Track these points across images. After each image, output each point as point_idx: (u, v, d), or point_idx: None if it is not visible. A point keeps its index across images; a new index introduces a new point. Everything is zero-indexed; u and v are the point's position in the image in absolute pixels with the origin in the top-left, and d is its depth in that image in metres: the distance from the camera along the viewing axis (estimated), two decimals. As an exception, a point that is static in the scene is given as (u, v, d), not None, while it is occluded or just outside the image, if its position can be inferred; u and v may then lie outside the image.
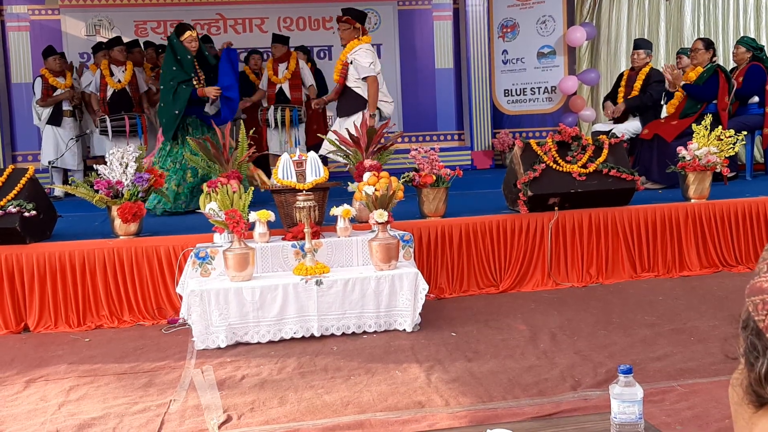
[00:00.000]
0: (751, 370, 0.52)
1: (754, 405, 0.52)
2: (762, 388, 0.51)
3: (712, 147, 5.62)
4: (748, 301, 0.52)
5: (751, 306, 0.52)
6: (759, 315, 0.51)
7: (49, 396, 3.56)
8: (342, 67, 6.66)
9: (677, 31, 10.09)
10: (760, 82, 7.35)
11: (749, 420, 0.53)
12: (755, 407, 0.52)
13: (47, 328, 4.76)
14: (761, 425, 0.52)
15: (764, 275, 0.51)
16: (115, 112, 8.27)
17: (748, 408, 0.53)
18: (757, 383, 0.51)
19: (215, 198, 4.52)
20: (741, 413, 0.54)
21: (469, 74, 10.44)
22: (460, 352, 3.98)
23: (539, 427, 1.85)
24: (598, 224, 5.44)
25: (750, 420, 0.53)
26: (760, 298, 0.51)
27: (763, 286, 0.51)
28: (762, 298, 0.50)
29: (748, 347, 0.52)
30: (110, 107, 8.39)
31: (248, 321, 4.27)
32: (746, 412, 0.53)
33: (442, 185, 5.28)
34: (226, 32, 10.25)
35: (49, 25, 9.86)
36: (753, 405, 0.53)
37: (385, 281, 4.41)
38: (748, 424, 0.53)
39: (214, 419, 3.17)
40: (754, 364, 0.51)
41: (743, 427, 0.54)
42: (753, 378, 0.51)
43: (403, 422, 3.08)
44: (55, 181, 8.35)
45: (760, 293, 0.51)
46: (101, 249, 4.85)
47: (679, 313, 4.55)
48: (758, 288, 0.51)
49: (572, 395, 3.31)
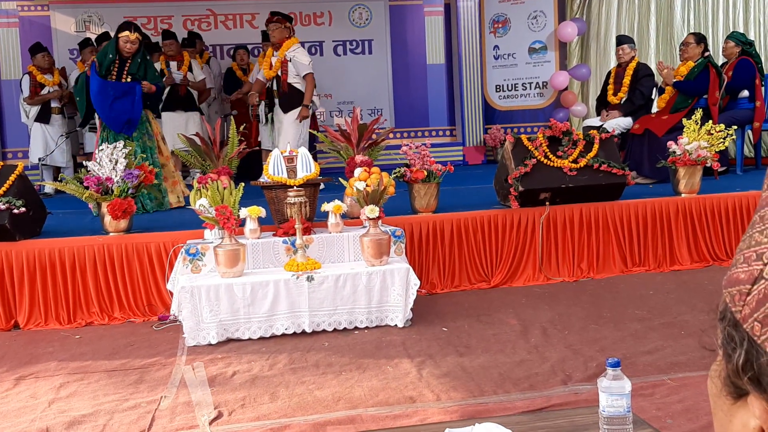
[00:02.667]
0: (729, 361, 0.52)
1: (732, 396, 0.53)
2: (740, 379, 0.51)
3: (702, 141, 5.63)
4: (725, 293, 0.52)
5: (728, 297, 0.52)
6: (736, 306, 0.51)
7: (39, 393, 3.54)
8: (281, 64, 7.13)
9: (667, 26, 10.11)
10: (749, 76, 7.38)
11: (728, 411, 0.53)
12: (734, 398, 0.52)
13: (37, 326, 4.74)
14: (740, 416, 0.52)
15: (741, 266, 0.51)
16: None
17: (727, 399, 0.53)
18: (735, 374, 0.51)
19: (206, 194, 4.50)
20: (720, 405, 0.54)
21: (461, 70, 10.43)
22: (451, 347, 3.98)
23: (529, 421, 1.85)
24: (589, 219, 5.45)
25: (729, 411, 0.53)
26: (737, 289, 0.51)
27: (739, 277, 0.51)
28: (739, 289, 0.50)
29: (726, 338, 0.52)
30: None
31: (239, 317, 4.27)
32: (725, 404, 0.53)
33: (433, 181, 5.28)
34: (216, 28, 10.22)
35: (38, 21, 9.81)
36: (731, 396, 0.53)
37: (376, 277, 4.41)
38: (727, 415, 0.53)
39: (205, 416, 3.17)
40: (732, 356, 0.51)
41: (722, 418, 0.54)
42: (731, 369, 0.51)
43: (394, 417, 3.08)
44: (45, 178, 8.31)
45: (737, 284, 0.51)
46: (91, 246, 4.83)
47: (670, 307, 4.56)
48: (735, 279, 0.51)
49: (563, 389, 3.32)
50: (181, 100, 8.48)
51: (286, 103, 7.26)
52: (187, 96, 8.55)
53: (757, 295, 0.49)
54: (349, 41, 10.59)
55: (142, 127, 6.53)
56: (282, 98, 7.28)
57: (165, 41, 8.66)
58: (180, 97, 8.47)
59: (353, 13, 10.56)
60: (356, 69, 10.49)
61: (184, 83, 8.45)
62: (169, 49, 8.57)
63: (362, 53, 10.63)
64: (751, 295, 0.49)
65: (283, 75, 7.20)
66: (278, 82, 7.27)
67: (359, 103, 9.47)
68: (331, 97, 10.41)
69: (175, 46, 8.62)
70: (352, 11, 10.55)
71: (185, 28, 9.89)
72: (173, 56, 8.58)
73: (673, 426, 2.87)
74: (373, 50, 10.65)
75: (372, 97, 10.50)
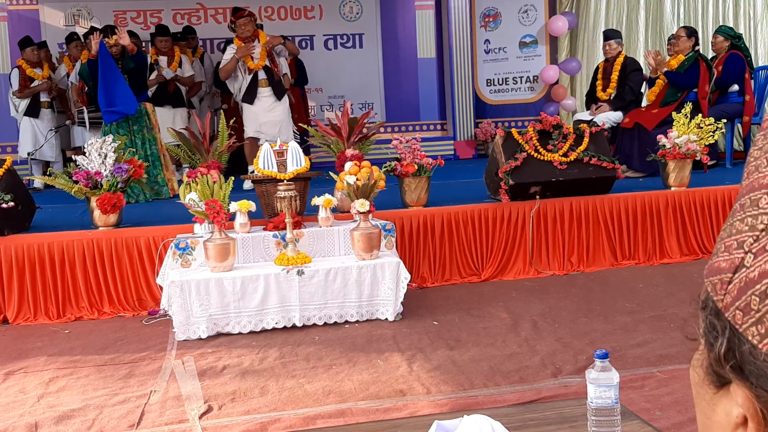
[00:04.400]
0: (711, 350, 0.51)
1: (715, 385, 0.53)
2: (722, 368, 0.51)
3: (692, 135, 5.65)
4: (707, 282, 0.52)
5: (710, 286, 0.52)
6: (718, 295, 0.51)
7: (28, 388, 3.53)
8: (267, 54, 7.23)
9: (657, 19, 10.12)
10: (739, 70, 7.39)
11: (710, 401, 0.53)
12: (716, 387, 0.52)
13: (26, 320, 4.72)
14: (723, 405, 0.52)
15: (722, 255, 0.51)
16: (94, 103, 8.20)
17: (710, 389, 0.53)
18: (717, 363, 0.51)
19: (195, 188, 4.49)
20: (702, 394, 0.54)
21: (452, 64, 10.42)
22: (441, 341, 3.99)
23: (517, 413, 1.86)
24: (579, 213, 5.46)
25: (711, 400, 0.53)
26: (718, 278, 0.51)
27: (721, 266, 0.51)
28: (720, 278, 0.50)
29: (708, 327, 0.52)
30: (89, 98, 8.32)
31: (229, 311, 4.26)
32: (707, 393, 0.53)
33: (423, 174, 5.28)
34: (207, 22, 10.18)
35: (27, 15, 9.75)
36: (714, 385, 0.53)
37: (367, 271, 4.41)
38: (710, 404, 0.53)
39: (195, 409, 3.16)
40: (714, 344, 0.51)
41: (705, 407, 0.54)
42: (713, 358, 0.51)
43: (384, 411, 3.09)
44: (34, 173, 8.27)
45: (719, 273, 0.51)
46: (80, 240, 4.81)
47: (660, 300, 4.58)
48: (716, 268, 0.51)
49: (553, 382, 3.33)
50: (170, 96, 8.46)
51: (281, 91, 7.38)
52: (175, 92, 8.53)
53: (738, 284, 0.49)
54: (340, 35, 10.56)
55: (142, 119, 6.85)
56: (276, 86, 7.34)
57: (158, 37, 8.62)
58: (168, 93, 8.45)
59: (344, 7, 10.53)
60: (347, 63, 10.47)
61: (173, 80, 8.44)
62: (163, 45, 8.54)
63: (353, 47, 10.61)
64: (733, 284, 0.49)
65: (273, 64, 7.27)
66: (268, 72, 7.24)
67: (350, 97, 9.46)
68: (322, 91, 10.38)
69: (168, 42, 8.59)
70: (342, 5, 10.52)
71: (175, 22, 9.84)
72: (165, 52, 8.55)
73: (662, 418, 2.88)
74: (363, 44, 10.63)
75: (363, 91, 10.48)
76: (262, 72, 7.22)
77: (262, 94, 7.25)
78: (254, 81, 7.25)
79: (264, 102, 7.28)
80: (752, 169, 0.52)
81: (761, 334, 0.47)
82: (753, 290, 0.47)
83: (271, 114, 7.29)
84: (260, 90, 7.25)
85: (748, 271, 0.48)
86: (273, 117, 7.28)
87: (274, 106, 7.30)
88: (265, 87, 7.24)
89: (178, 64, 8.54)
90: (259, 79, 7.24)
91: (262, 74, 7.23)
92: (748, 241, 0.49)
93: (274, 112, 7.30)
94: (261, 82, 7.24)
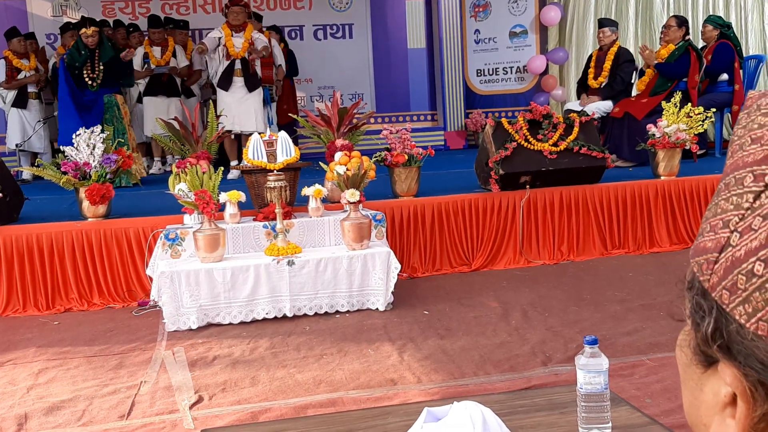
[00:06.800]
0: (698, 330, 0.51)
1: (702, 365, 0.53)
2: (709, 348, 0.51)
3: (681, 124, 5.66)
4: (693, 262, 0.52)
5: (696, 267, 0.52)
6: (704, 275, 0.51)
7: (17, 379, 3.52)
8: (249, 45, 7.43)
9: (646, 9, 10.12)
10: (728, 59, 7.41)
11: (698, 381, 0.53)
12: (704, 367, 0.52)
13: (15, 312, 4.70)
14: (711, 384, 0.52)
15: (707, 235, 0.51)
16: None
17: (697, 368, 0.53)
18: (704, 343, 0.51)
19: (185, 178, 4.47)
20: (690, 374, 0.54)
21: (442, 54, 10.39)
22: (432, 330, 3.99)
23: (507, 399, 1.86)
24: (569, 202, 5.47)
25: (699, 380, 0.53)
26: (704, 258, 0.51)
27: (707, 246, 0.50)
28: (706, 258, 0.50)
29: (694, 307, 0.52)
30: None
31: (219, 302, 4.25)
32: (695, 373, 0.53)
33: (414, 164, 5.27)
34: (195, 12, 10.11)
35: (14, 5, 9.67)
36: (702, 365, 0.53)
37: (357, 261, 4.41)
38: (698, 384, 0.53)
39: (185, 400, 3.16)
40: (701, 324, 0.51)
41: (693, 387, 0.54)
42: (700, 338, 0.51)
43: (375, 400, 3.09)
44: (22, 164, 8.22)
45: (704, 253, 0.51)
46: (69, 231, 4.79)
47: (649, 289, 4.60)
48: (702, 248, 0.51)
49: (543, 370, 3.34)
50: (164, 86, 8.42)
51: (254, 84, 7.53)
52: (169, 81, 8.48)
53: (724, 263, 0.48)
54: (330, 25, 10.52)
55: (111, 110, 7.14)
56: (249, 79, 7.49)
57: (151, 29, 8.57)
58: (162, 83, 8.41)
59: (333, -4, 10.49)
60: (337, 53, 10.43)
61: (166, 73, 8.41)
62: (156, 37, 8.49)
63: (343, 37, 10.57)
64: (719, 263, 0.49)
65: (250, 59, 7.45)
66: (244, 64, 7.41)
67: (340, 87, 9.41)
68: (312, 82, 10.35)
69: (162, 33, 8.54)
70: (332, -5, 10.48)
71: (163, 12, 9.77)
72: (158, 43, 8.50)
73: (652, 405, 2.90)
74: (353, 34, 10.59)
75: (353, 81, 10.45)
76: (239, 62, 7.33)
77: (236, 83, 7.45)
78: (231, 68, 7.41)
79: (237, 93, 7.44)
80: (736, 148, 0.52)
81: (748, 313, 0.47)
82: (739, 269, 0.47)
83: (243, 105, 7.44)
84: (234, 79, 7.44)
85: (734, 250, 0.48)
86: (245, 108, 7.43)
87: (246, 97, 7.45)
88: (239, 77, 7.43)
89: (172, 53, 8.49)
90: (234, 68, 7.41)
91: (239, 64, 7.40)
92: (734, 220, 0.49)
93: (246, 104, 7.45)
94: (236, 71, 7.42)
